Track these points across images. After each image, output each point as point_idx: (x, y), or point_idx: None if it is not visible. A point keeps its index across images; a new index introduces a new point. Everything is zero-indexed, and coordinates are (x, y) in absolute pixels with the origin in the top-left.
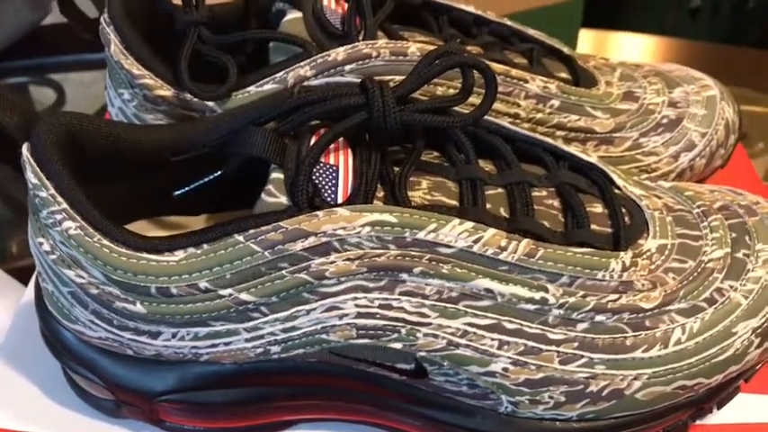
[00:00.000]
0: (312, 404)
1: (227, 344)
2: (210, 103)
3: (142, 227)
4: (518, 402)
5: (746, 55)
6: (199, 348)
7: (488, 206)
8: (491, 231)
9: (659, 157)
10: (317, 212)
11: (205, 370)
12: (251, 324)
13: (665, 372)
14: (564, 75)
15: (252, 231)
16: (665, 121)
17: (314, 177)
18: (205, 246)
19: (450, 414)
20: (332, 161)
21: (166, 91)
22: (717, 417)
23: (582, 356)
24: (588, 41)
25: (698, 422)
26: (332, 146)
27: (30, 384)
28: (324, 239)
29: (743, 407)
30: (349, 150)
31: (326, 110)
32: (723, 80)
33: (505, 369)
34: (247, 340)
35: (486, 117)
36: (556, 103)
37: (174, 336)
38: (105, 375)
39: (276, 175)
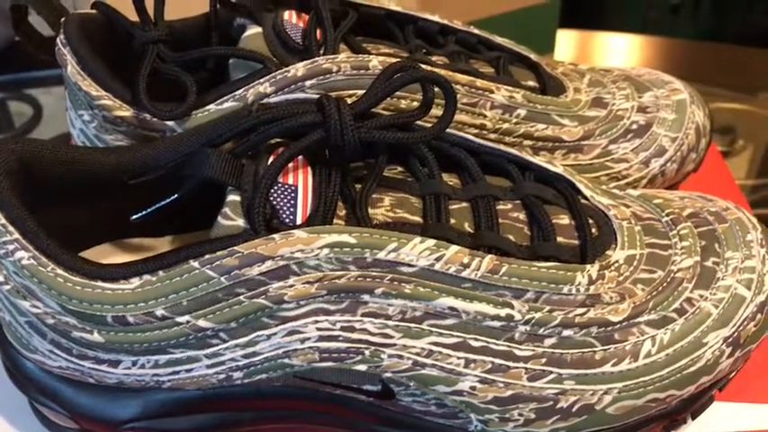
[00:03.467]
0: (280, 428)
1: (188, 371)
2: (171, 123)
3: (105, 251)
4: (488, 421)
5: (728, 52)
6: (160, 376)
7: (452, 221)
8: (453, 249)
9: (630, 164)
10: (274, 236)
11: (168, 397)
12: (211, 350)
13: (635, 385)
14: (531, 83)
15: (207, 257)
16: (634, 126)
17: (271, 198)
18: (161, 273)
19: None
20: (290, 181)
21: (125, 111)
22: (692, 427)
23: (550, 372)
24: (569, 42)
25: None
26: (290, 165)
27: None
28: (281, 263)
29: (718, 416)
30: (308, 169)
31: (284, 129)
32: (705, 77)
33: (473, 387)
34: (209, 366)
35: (450, 130)
36: (522, 112)
37: (134, 364)
38: (68, 405)
39: (233, 197)
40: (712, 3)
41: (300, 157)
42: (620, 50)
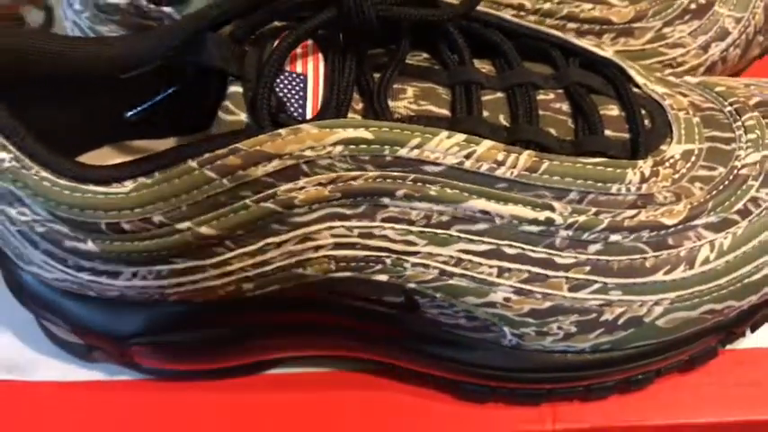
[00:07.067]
0: (297, 342)
1: (193, 282)
2: (168, 9)
3: (104, 155)
4: (523, 335)
5: None
6: (164, 288)
7: (485, 114)
8: (485, 144)
9: (686, 49)
10: (280, 131)
11: (175, 310)
12: (217, 260)
13: (690, 295)
14: None
15: (207, 156)
16: (692, 6)
17: (277, 89)
18: (156, 174)
19: (448, 348)
20: (299, 69)
21: None
22: (750, 340)
23: (594, 282)
24: None
25: (728, 347)
26: (299, 51)
27: (3, 330)
28: (290, 162)
29: None
30: (320, 56)
31: (290, 7)
32: None
33: (507, 299)
34: (215, 277)
35: (484, 9)
36: None
37: (134, 275)
38: (70, 319)
39: (234, 88)
40: None
41: (310, 43)
42: None
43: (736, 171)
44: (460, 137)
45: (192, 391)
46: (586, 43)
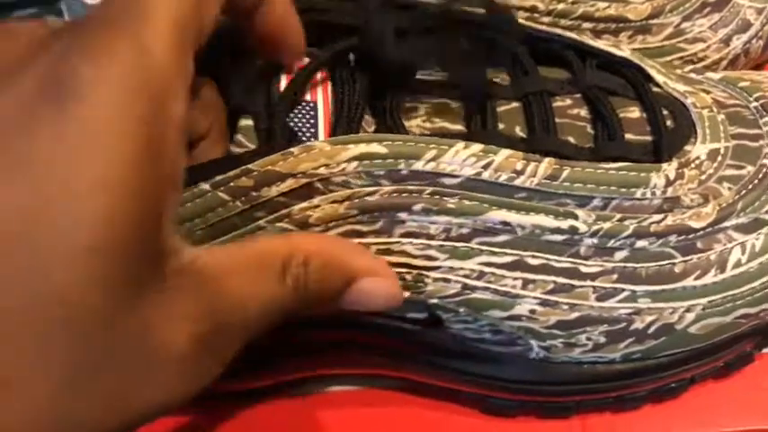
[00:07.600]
0: (319, 361)
1: None
2: None
3: None
4: (551, 347)
5: None
6: None
7: (501, 126)
8: (503, 153)
9: (707, 44)
10: (293, 149)
11: None
12: None
13: (722, 300)
14: None
15: (219, 178)
16: None
17: (287, 119)
18: None
19: (473, 363)
20: (308, 97)
21: None
22: None
23: (623, 290)
24: None
25: (765, 351)
26: None
27: None
28: (303, 181)
29: None
30: (328, 78)
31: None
32: None
33: (533, 311)
34: None
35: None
36: None
37: None
38: None
39: (245, 122)
40: None
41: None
42: None
43: (765, 169)
44: (477, 147)
45: (219, 412)
46: (603, 43)
